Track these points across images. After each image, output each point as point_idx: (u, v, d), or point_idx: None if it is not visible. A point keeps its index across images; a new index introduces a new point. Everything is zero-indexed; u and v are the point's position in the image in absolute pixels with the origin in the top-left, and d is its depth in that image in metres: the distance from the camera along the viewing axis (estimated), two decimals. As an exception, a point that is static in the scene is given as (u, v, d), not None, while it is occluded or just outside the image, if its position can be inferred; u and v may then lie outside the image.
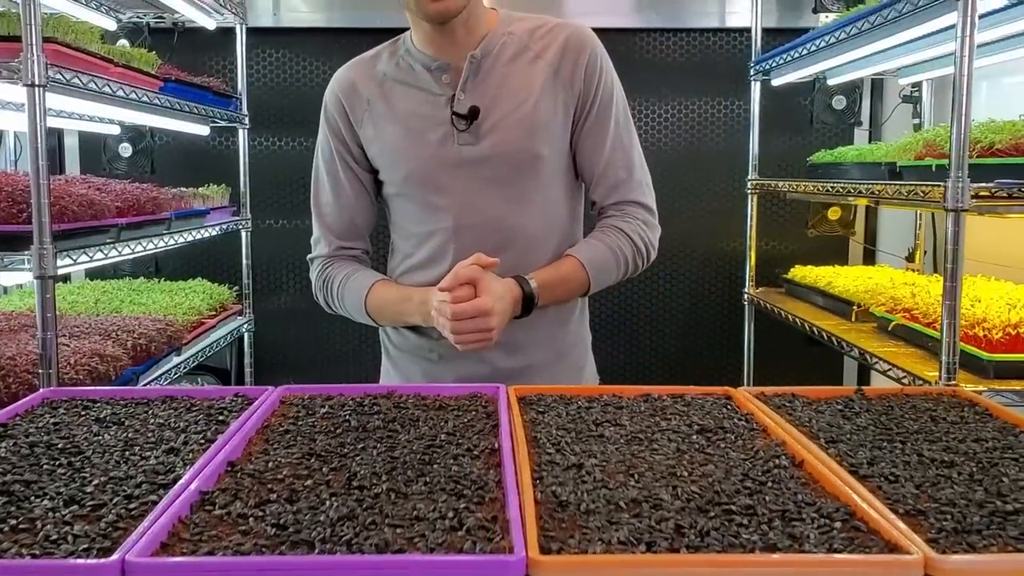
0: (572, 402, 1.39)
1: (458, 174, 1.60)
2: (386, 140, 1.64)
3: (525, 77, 1.60)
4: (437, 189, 1.62)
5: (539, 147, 1.60)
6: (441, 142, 1.60)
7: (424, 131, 1.61)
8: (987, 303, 1.98)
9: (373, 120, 1.65)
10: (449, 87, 1.60)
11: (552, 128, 1.62)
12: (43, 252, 1.69)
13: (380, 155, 1.66)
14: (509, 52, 1.62)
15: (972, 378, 1.81)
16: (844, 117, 3.30)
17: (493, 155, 1.59)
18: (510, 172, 1.61)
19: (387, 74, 1.66)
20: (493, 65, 1.61)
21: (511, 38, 1.63)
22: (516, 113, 1.59)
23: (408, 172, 1.63)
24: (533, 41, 1.63)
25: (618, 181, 1.67)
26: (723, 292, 3.58)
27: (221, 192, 3.12)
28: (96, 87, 1.91)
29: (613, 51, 1.70)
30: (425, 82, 1.62)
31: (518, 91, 1.60)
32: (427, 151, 1.60)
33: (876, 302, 2.35)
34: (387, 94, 1.65)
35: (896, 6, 1.96)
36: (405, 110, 1.63)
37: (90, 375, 1.88)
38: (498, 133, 1.59)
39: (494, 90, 1.59)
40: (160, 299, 2.76)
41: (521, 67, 1.61)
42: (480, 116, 1.58)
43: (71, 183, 2.12)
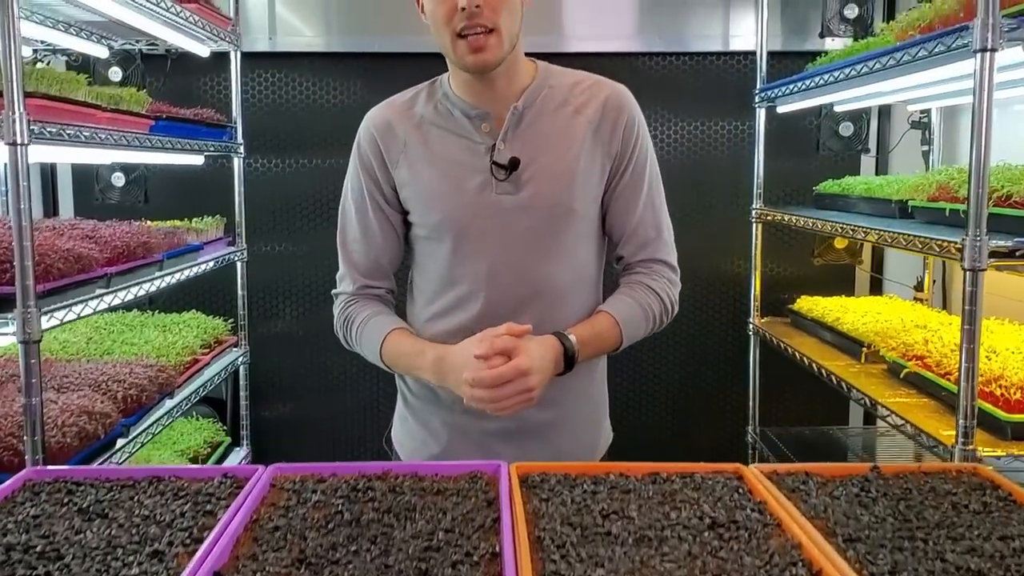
0: (577, 484, 1.33)
1: (493, 222, 1.61)
2: (422, 183, 1.64)
3: (565, 131, 1.63)
4: (471, 236, 1.62)
5: (575, 201, 1.63)
6: (479, 189, 1.61)
7: (462, 177, 1.61)
8: (1004, 356, 1.92)
9: (409, 162, 1.65)
10: (489, 136, 1.62)
11: (588, 184, 1.64)
12: (27, 316, 1.63)
13: (414, 197, 1.66)
14: (550, 105, 1.64)
15: (989, 439, 1.75)
16: (851, 144, 3.24)
17: (530, 206, 1.60)
18: (545, 224, 1.62)
19: (425, 117, 1.66)
20: (535, 117, 1.63)
21: (552, 91, 1.65)
22: (555, 166, 1.61)
23: (443, 216, 1.63)
24: (573, 96, 1.65)
25: (647, 240, 1.70)
26: (728, 317, 3.52)
27: (215, 223, 3.06)
28: (83, 137, 1.85)
29: (617, 74, 1.71)
30: (465, 129, 1.63)
31: (558, 144, 1.62)
32: (464, 197, 1.61)
33: (887, 346, 2.29)
34: (425, 137, 1.65)
35: (910, 50, 1.90)
36: (443, 154, 1.63)
37: (78, 436, 1.82)
38: (536, 184, 1.60)
39: (534, 142, 1.61)
40: (153, 337, 2.70)
41: (562, 121, 1.63)
42: (520, 167, 1.59)
43: (59, 233, 2.06)
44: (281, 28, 3.35)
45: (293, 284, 3.50)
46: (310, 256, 3.47)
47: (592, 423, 1.81)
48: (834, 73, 2.37)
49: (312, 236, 3.46)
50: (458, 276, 1.65)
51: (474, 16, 1.49)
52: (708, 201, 3.46)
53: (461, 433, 1.73)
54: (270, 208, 3.45)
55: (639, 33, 3.35)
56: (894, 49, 1.99)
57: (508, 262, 1.62)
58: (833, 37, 3.21)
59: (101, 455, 1.95)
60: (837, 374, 2.37)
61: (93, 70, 3.17)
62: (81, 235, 2.08)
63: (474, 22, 1.50)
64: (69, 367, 2.25)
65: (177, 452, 2.79)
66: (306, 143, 3.43)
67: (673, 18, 3.36)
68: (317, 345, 3.49)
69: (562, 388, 1.67)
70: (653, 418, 3.55)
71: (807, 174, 3.41)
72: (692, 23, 3.37)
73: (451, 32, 1.52)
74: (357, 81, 3.40)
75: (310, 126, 3.41)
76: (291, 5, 3.35)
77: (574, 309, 1.68)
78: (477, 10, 1.48)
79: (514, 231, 1.61)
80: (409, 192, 1.66)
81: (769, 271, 3.46)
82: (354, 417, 3.52)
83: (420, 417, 1.77)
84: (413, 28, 3.26)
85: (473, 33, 1.51)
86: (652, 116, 3.38)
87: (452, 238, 1.64)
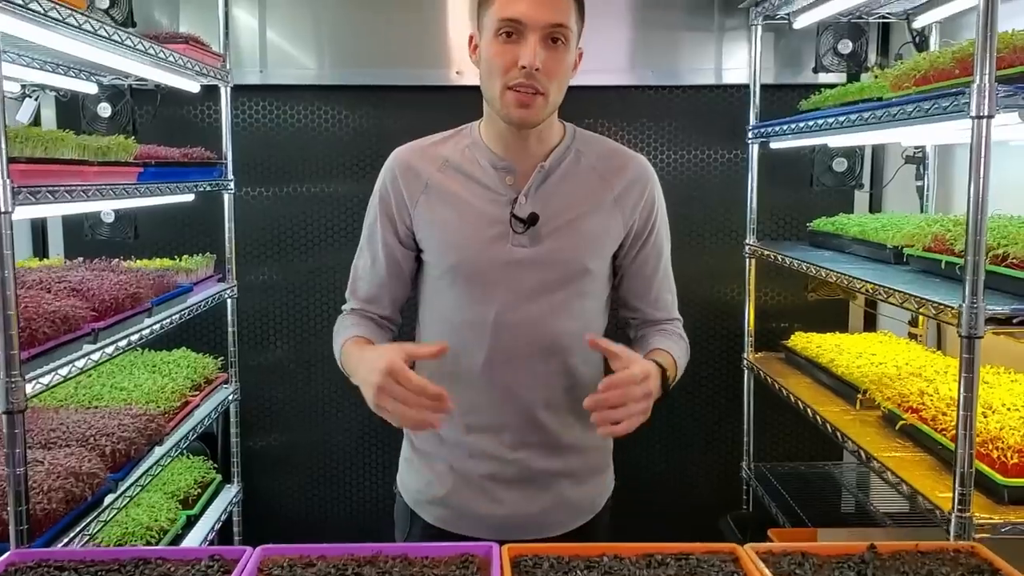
0: (570, 569, 1.31)
1: (506, 272, 1.65)
2: (440, 224, 1.68)
3: (587, 194, 1.68)
4: (483, 283, 1.66)
5: (589, 261, 1.68)
6: (495, 238, 1.65)
7: (480, 224, 1.66)
8: (1000, 414, 1.90)
9: (429, 202, 1.69)
10: (512, 189, 1.66)
11: (604, 247, 1.70)
12: (12, 386, 1.60)
13: (430, 238, 1.70)
14: (576, 168, 1.70)
15: (986, 503, 1.74)
16: (845, 179, 3.22)
17: (545, 261, 1.65)
18: (557, 279, 1.66)
19: (450, 161, 1.71)
20: (560, 178, 1.68)
21: (579, 156, 1.71)
22: (574, 225, 1.66)
23: (458, 260, 1.67)
24: (599, 162, 1.72)
25: (666, 304, 1.81)
26: (722, 348, 3.50)
27: (205, 261, 3.03)
28: (70, 196, 1.82)
29: (610, 106, 1.77)
30: (489, 178, 1.68)
31: (579, 205, 1.67)
32: (480, 244, 1.65)
33: (883, 395, 2.28)
34: (447, 179, 1.69)
35: (905, 107, 1.88)
36: (464, 200, 1.67)
37: (65, 500, 1.80)
38: (553, 241, 1.65)
39: (556, 201, 1.66)
40: (143, 380, 2.67)
41: (585, 184, 1.69)
42: (539, 222, 1.64)
43: (46, 288, 2.03)
44: (272, 61, 3.33)
45: (284, 314, 3.47)
46: (300, 285, 3.44)
47: (596, 472, 1.83)
48: (828, 120, 2.36)
49: (302, 265, 3.43)
50: (465, 320, 1.69)
51: (531, 76, 1.54)
52: (702, 229, 3.45)
53: (465, 478, 1.75)
54: (260, 237, 3.42)
55: (632, 67, 3.33)
56: (888, 104, 1.98)
57: (516, 312, 1.66)
58: (827, 72, 3.20)
59: (89, 514, 1.92)
60: (832, 422, 2.35)
61: (82, 106, 3.14)
62: (68, 289, 2.05)
63: (529, 82, 1.55)
64: (56, 419, 2.22)
65: (167, 495, 2.76)
66: (297, 172, 3.40)
67: (666, 52, 3.35)
68: (308, 375, 3.46)
69: (570, 437, 1.72)
70: (649, 453, 3.53)
71: (801, 207, 3.39)
72: (685, 57, 3.35)
73: (503, 84, 1.57)
74: (348, 112, 3.38)
75: (301, 156, 3.39)
76: (283, 38, 3.33)
77: (578, 363, 1.71)
78: (536, 72, 1.54)
79: (525, 283, 1.65)
80: (426, 232, 1.70)
81: (763, 300, 3.45)
82: (347, 448, 3.49)
83: (425, 461, 1.80)
84: (402, 61, 3.30)
85: (525, 91, 1.55)
86: (646, 144, 3.37)
87: (463, 282, 1.68)
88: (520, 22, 1.54)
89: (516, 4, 1.54)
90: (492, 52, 1.57)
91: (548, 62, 1.55)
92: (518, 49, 1.54)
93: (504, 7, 1.55)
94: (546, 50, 1.55)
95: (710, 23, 3.35)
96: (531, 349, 1.67)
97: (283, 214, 3.42)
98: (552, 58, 1.56)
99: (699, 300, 3.46)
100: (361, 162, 3.39)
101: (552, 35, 1.55)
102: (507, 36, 1.55)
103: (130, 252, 3.17)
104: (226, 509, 3.05)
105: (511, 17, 1.54)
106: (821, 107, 2.91)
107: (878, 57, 3.27)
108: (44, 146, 1.76)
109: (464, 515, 1.76)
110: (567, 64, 1.60)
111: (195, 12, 3.29)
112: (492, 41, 1.57)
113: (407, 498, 1.84)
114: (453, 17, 3.32)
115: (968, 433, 1.64)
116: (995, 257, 1.84)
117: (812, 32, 3.20)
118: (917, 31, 3.00)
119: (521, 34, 1.54)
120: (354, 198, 3.39)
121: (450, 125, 1.76)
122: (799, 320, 3.45)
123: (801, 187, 3.38)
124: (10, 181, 1.56)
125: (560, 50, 1.57)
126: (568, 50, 1.59)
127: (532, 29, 1.53)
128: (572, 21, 1.58)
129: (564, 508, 1.77)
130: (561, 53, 1.57)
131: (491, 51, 1.57)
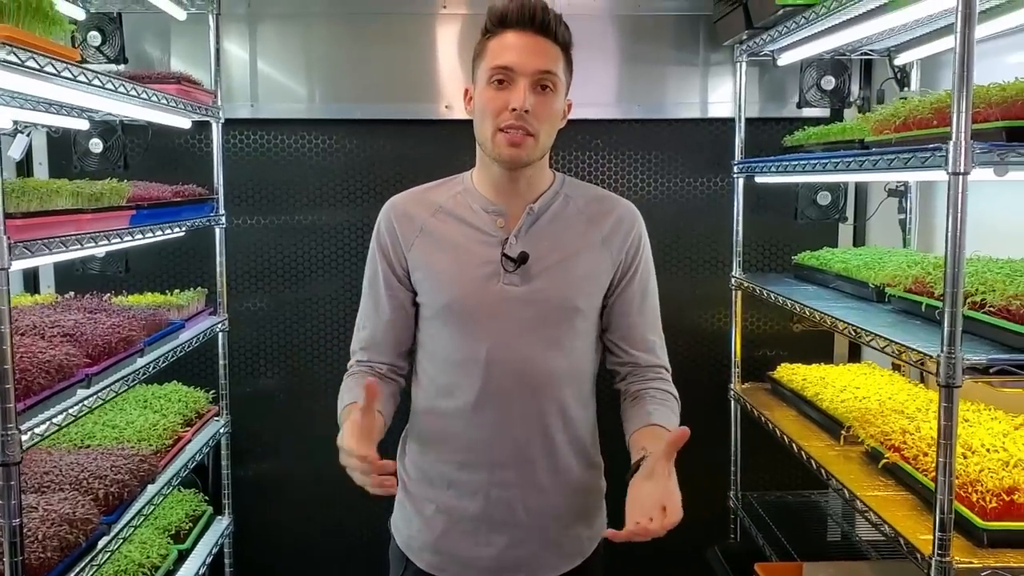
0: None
1: (498, 311, 1.72)
2: (433, 266, 1.76)
3: (576, 236, 1.77)
4: (475, 321, 1.73)
5: (578, 300, 1.75)
6: (487, 278, 1.72)
7: (472, 264, 1.73)
8: (980, 456, 1.94)
9: (423, 244, 1.77)
10: (503, 231, 1.75)
11: (592, 286, 1.77)
12: (7, 439, 1.62)
13: (424, 279, 1.77)
14: (565, 211, 1.79)
15: (966, 545, 1.77)
16: (829, 212, 3.27)
17: (535, 300, 1.72)
18: (547, 318, 1.73)
19: (443, 206, 1.79)
20: (549, 220, 1.77)
21: (568, 200, 1.80)
22: (563, 265, 1.74)
23: (450, 300, 1.74)
24: (587, 206, 1.81)
25: (651, 346, 1.85)
26: (708, 375, 3.52)
27: (197, 296, 3.05)
28: (65, 246, 1.85)
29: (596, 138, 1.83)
30: (480, 221, 1.76)
31: (568, 246, 1.75)
32: (472, 283, 1.72)
33: (866, 431, 2.31)
34: (440, 223, 1.78)
35: (886, 157, 1.93)
36: (456, 242, 1.75)
37: (60, 547, 1.82)
38: (543, 280, 1.72)
39: (546, 241, 1.74)
40: (135, 417, 2.69)
41: (574, 226, 1.78)
42: (529, 262, 1.71)
43: (39, 333, 2.05)
44: (263, 95, 3.36)
45: (275, 345, 3.49)
46: (290, 315, 3.46)
47: (585, 515, 1.86)
48: (811, 162, 2.40)
49: (291, 295, 3.45)
50: (458, 359, 1.74)
51: (521, 118, 1.64)
52: (688, 257, 3.50)
53: (454, 520, 1.79)
54: (250, 267, 3.44)
55: (619, 101, 3.38)
56: (869, 153, 2.03)
57: (509, 350, 1.72)
58: (811, 107, 3.26)
59: (82, 559, 1.93)
60: (816, 458, 2.39)
61: (74, 141, 3.16)
62: (62, 335, 2.08)
63: (519, 123, 1.64)
64: (50, 461, 2.23)
65: (159, 530, 2.77)
66: (287, 204, 3.43)
67: (653, 87, 3.39)
68: (299, 406, 3.48)
69: (558, 480, 1.77)
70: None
71: (786, 238, 3.46)
72: (671, 91, 3.40)
73: (495, 126, 1.67)
74: (338, 145, 3.41)
75: (291, 187, 3.42)
76: (274, 72, 3.36)
77: (568, 400, 1.78)
78: (526, 114, 1.64)
79: (516, 321, 1.72)
80: (420, 274, 1.78)
81: (750, 329, 3.49)
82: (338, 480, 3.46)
83: (415, 504, 1.85)
84: (392, 96, 3.34)
85: (515, 132, 1.65)
86: (634, 175, 3.42)
87: (456, 321, 1.74)
88: (511, 69, 1.65)
89: (507, 53, 1.66)
90: (485, 98, 1.68)
91: (538, 106, 1.65)
92: (509, 95, 1.65)
93: (496, 56, 1.67)
94: (535, 95, 1.65)
95: (696, 58, 3.40)
96: (522, 386, 1.72)
97: (273, 244, 3.44)
98: (541, 102, 1.66)
99: (686, 328, 3.51)
100: (352, 194, 3.42)
101: (541, 82, 1.66)
102: (499, 83, 1.66)
103: (121, 286, 3.19)
104: (217, 542, 3.06)
105: (502, 65, 1.65)
106: (804, 144, 2.97)
107: (861, 91, 3.33)
108: (40, 198, 1.78)
109: (455, 560, 1.79)
110: (556, 109, 1.70)
111: (186, 45, 3.32)
112: (485, 88, 1.68)
113: (399, 540, 1.89)
114: (442, 53, 3.36)
115: (947, 480, 1.68)
116: (973, 304, 1.88)
117: (796, 68, 3.25)
118: (899, 68, 3.06)
119: (512, 80, 1.65)
120: (344, 229, 3.43)
121: (439, 157, 1.85)
122: (785, 348, 3.49)
123: (786, 219, 3.42)
124: (7, 237, 1.59)
125: (549, 96, 1.68)
126: (556, 97, 1.69)
127: (522, 75, 1.64)
128: (560, 70, 1.70)
129: (554, 551, 1.80)
130: (550, 98, 1.68)
131: (484, 97, 1.68)
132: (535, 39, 1.66)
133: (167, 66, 3.32)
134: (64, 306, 2.54)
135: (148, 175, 3.03)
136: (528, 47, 1.66)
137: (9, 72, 1.64)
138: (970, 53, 1.59)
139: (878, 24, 2.44)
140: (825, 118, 3.34)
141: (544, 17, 1.66)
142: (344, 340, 1.85)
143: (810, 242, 3.32)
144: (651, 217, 1.87)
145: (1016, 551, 1.74)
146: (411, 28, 3.35)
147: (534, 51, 1.66)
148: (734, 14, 2.93)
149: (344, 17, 3.35)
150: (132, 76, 2.56)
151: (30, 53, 1.67)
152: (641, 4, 3.36)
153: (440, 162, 3.24)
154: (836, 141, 2.67)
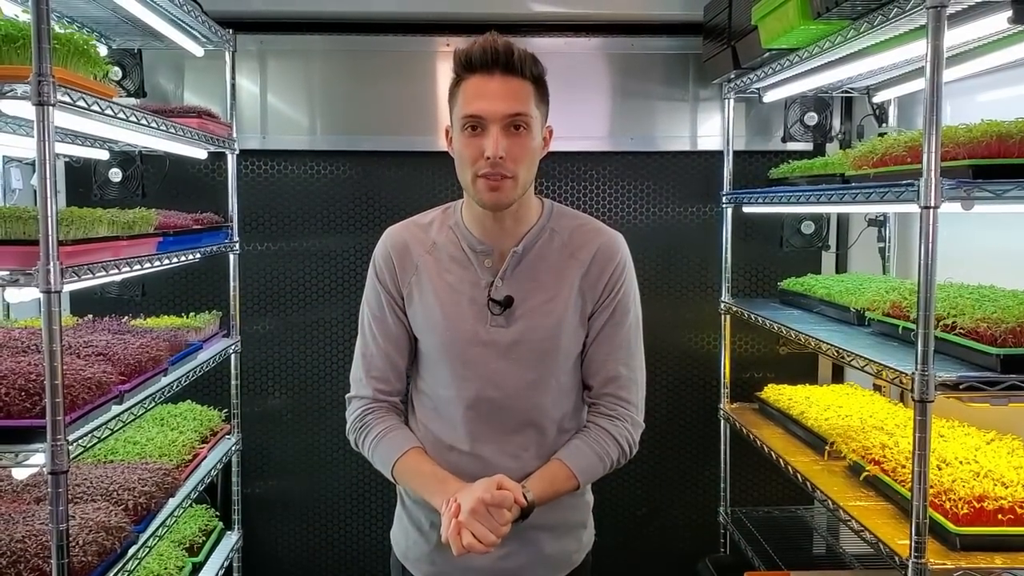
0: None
1: (486, 352, 1.77)
2: (426, 307, 1.81)
3: (558, 274, 1.80)
4: (465, 362, 1.78)
5: (560, 338, 1.79)
6: (476, 320, 1.78)
7: (462, 306, 1.78)
8: (954, 467, 2.10)
9: (418, 283, 1.82)
10: (490, 272, 1.79)
11: (573, 323, 1.80)
12: (57, 449, 1.75)
13: (416, 319, 1.83)
14: (548, 248, 1.81)
15: (940, 549, 1.92)
16: (812, 241, 3.45)
17: (520, 341, 1.77)
18: (532, 357, 1.78)
19: (438, 244, 1.84)
20: (533, 260, 1.80)
21: (553, 235, 1.82)
22: (545, 307, 1.78)
23: (442, 342, 1.79)
24: (572, 240, 1.82)
25: (617, 376, 1.84)
26: (698, 395, 3.69)
27: (212, 319, 3.19)
28: (105, 271, 1.99)
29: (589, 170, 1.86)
30: (470, 261, 1.80)
31: (549, 287, 1.79)
32: (462, 326, 1.78)
33: (848, 447, 2.47)
34: (435, 263, 1.82)
35: (864, 191, 2.10)
36: (448, 285, 1.80)
37: (98, 552, 1.94)
38: (527, 321, 1.77)
39: (529, 283, 1.78)
40: (153, 433, 2.82)
41: (556, 264, 1.80)
42: (513, 304, 1.77)
43: (75, 353, 2.18)
44: (272, 127, 3.51)
45: (284, 366, 3.62)
46: (299, 337, 3.60)
47: (574, 528, 1.93)
48: (795, 194, 2.57)
49: (300, 318, 3.59)
50: (449, 396, 1.81)
51: (496, 165, 1.66)
52: (679, 282, 3.65)
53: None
54: (261, 291, 3.59)
55: (611, 135, 3.55)
56: (849, 188, 2.20)
57: (496, 388, 1.78)
58: (795, 141, 3.44)
59: (116, 565, 2.06)
60: (802, 472, 2.54)
61: (94, 171, 3.30)
62: (95, 354, 2.21)
63: (495, 170, 1.67)
64: (79, 474, 2.36)
65: (174, 543, 2.89)
66: (296, 230, 3.58)
67: (643, 121, 3.57)
68: (307, 425, 3.61)
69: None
70: (628, 498, 3.70)
71: (773, 265, 3.64)
72: (661, 125, 3.58)
73: (473, 172, 1.70)
74: (344, 175, 3.57)
75: (300, 214, 3.57)
76: (283, 106, 3.52)
77: (556, 434, 1.84)
78: (500, 160, 1.66)
79: (504, 361, 1.78)
80: (413, 313, 1.84)
81: (739, 351, 3.66)
82: (344, 496, 3.62)
83: (413, 518, 1.92)
84: (394, 129, 3.49)
85: (493, 178, 1.68)
86: (626, 204, 3.58)
87: (447, 361, 1.80)
88: (481, 117, 1.66)
89: (476, 101, 1.67)
90: (461, 145, 1.70)
91: (512, 148, 1.67)
92: (483, 141, 1.67)
93: (466, 104, 1.68)
94: (508, 138, 1.67)
95: (685, 94, 3.58)
96: (509, 424, 1.79)
97: (281, 269, 3.59)
98: (515, 144, 1.68)
99: (677, 351, 3.66)
100: (357, 221, 3.58)
101: (514, 123, 1.67)
102: (472, 130, 1.68)
103: (138, 309, 3.32)
104: (228, 556, 3.18)
105: (473, 113, 1.67)
106: (789, 176, 3.15)
107: (842, 126, 3.52)
108: (85, 227, 1.93)
109: (449, 571, 1.88)
110: (531, 147, 1.71)
111: (199, 80, 3.48)
112: (460, 135, 1.70)
113: (398, 552, 1.98)
114: (442, 88, 3.53)
115: (922, 487, 1.83)
116: (945, 326, 2.05)
117: (781, 104, 3.44)
118: (877, 105, 3.25)
119: (484, 127, 1.67)
120: (350, 255, 3.58)
121: (438, 186, 1.91)
122: (772, 370, 3.66)
123: (772, 247, 3.60)
124: (59, 263, 1.73)
125: (523, 135, 1.69)
126: (531, 134, 1.70)
127: (493, 122, 1.66)
128: (531, 108, 1.70)
129: (542, 563, 1.88)
130: (524, 138, 1.69)
131: (460, 144, 1.71)
132: (503, 80, 1.66)
133: (181, 99, 3.48)
134: (89, 328, 2.67)
135: (164, 203, 3.18)
136: (496, 92, 1.66)
137: (62, 111, 1.79)
138: (939, 97, 1.76)
139: (857, 67, 2.63)
140: (808, 151, 3.54)
141: (508, 59, 1.66)
142: (349, 362, 1.95)
143: (795, 269, 3.51)
144: (644, 245, 1.94)
145: (985, 553, 1.89)
146: (413, 64, 3.52)
147: (502, 95, 1.66)
148: (723, 55, 3.11)
149: (350, 55, 3.52)
150: (156, 110, 2.70)
151: (80, 93, 1.83)
152: (634, 43, 3.54)
153: (439, 191, 3.44)
154: (819, 175, 2.85)
